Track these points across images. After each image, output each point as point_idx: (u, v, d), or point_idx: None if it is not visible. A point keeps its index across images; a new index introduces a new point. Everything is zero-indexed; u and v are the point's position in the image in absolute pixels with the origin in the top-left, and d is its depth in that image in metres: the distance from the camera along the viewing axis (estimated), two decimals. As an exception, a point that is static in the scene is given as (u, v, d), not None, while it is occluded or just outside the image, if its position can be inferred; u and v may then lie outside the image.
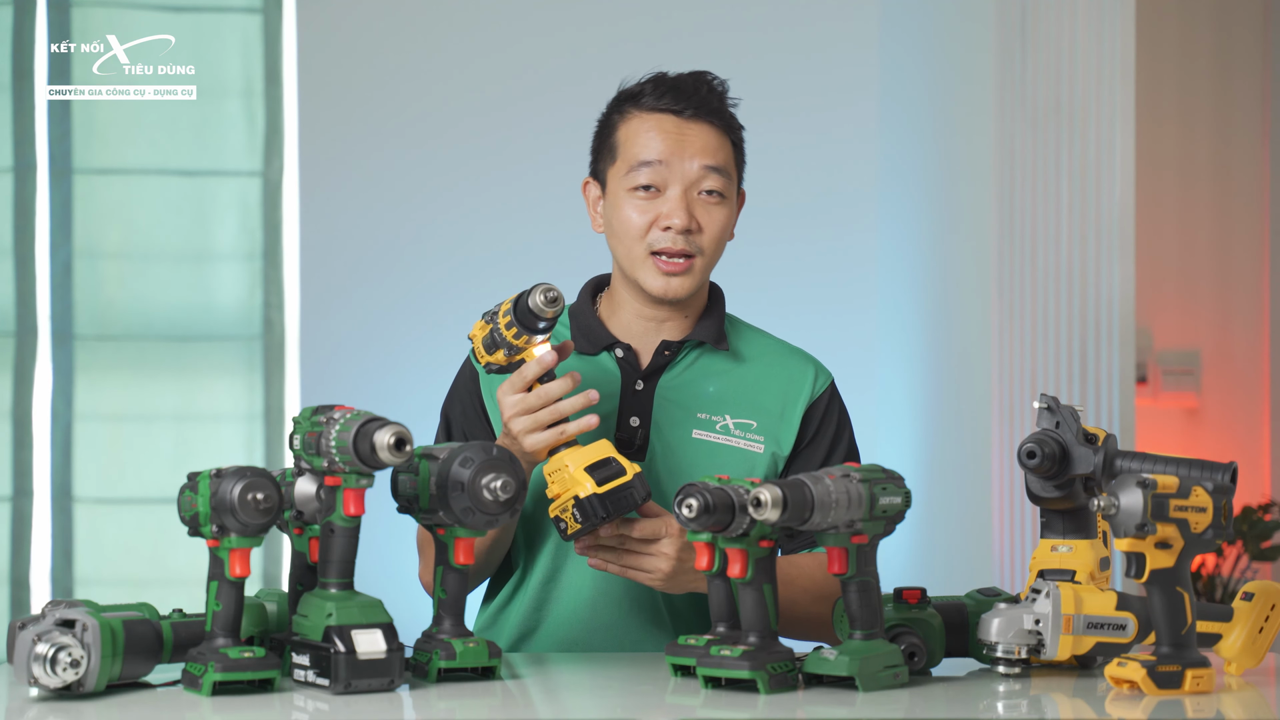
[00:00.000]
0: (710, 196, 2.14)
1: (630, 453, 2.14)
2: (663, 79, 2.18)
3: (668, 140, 2.13)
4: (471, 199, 4.32)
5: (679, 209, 2.12)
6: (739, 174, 2.21)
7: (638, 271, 2.15)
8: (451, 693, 1.79)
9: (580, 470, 1.95)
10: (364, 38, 4.36)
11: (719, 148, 2.15)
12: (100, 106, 4.38)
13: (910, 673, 1.86)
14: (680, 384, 2.18)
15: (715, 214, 2.14)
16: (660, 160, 2.13)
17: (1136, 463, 1.90)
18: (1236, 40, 5.04)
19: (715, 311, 2.22)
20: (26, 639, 1.72)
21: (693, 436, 2.16)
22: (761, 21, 4.36)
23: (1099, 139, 3.80)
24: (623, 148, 2.16)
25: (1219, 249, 5.03)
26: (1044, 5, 3.97)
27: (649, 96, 2.16)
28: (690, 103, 2.15)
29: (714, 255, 2.16)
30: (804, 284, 4.27)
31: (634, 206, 2.13)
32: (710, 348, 2.21)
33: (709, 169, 2.14)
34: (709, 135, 2.15)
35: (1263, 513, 4.66)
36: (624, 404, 2.16)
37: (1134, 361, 3.77)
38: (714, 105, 2.16)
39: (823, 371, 2.24)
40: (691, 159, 2.13)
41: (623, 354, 2.18)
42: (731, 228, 2.19)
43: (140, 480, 4.37)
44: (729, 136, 2.18)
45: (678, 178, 2.13)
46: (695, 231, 2.13)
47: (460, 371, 2.24)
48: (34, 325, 4.38)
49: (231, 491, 1.73)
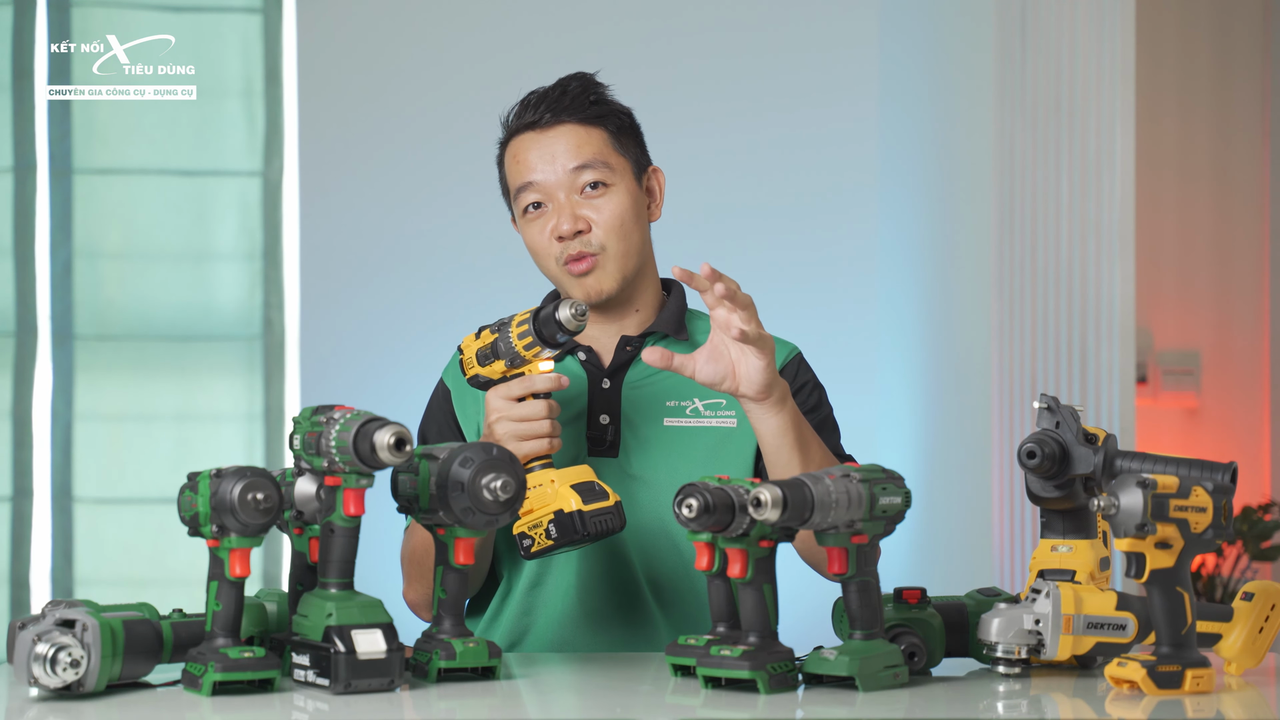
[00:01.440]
0: (594, 190, 2.16)
1: (602, 449, 2.16)
2: (524, 100, 2.20)
3: (533, 156, 2.16)
4: (472, 199, 4.31)
5: (564, 216, 2.14)
6: (631, 155, 2.21)
7: (562, 286, 2.19)
8: (451, 693, 1.79)
9: (566, 486, 1.97)
10: (364, 38, 4.36)
11: (584, 142, 2.16)
12: (100, 106, 4.38)
13: (910, 673, 1.86)
14: (645, 376, 2.20)
15: (602, 205, 2.16)
16: (533, 179, 2.16)
17: (1136, 463, 1.90)
18: (1236, 40, 5.04)
19: (674, 304, 2.24)
20: (26, 639, 1.72)
21: (664, 425, 2.18)
22: (761, 22, 4.36)
23: (1099, 138, 3.81)
24: (507, 178, 2.21)
25: (1219, 249, 5.03)
26: (1044, 5, 3.97)
27: (513, 119, 2.20)
28: (543, 110, 2.17)
29: (622, 243, 2.16)
30: (803, 283, 4.26)
31: (531, 228, 2.18)
32: (671, 339, 2.22)
33: (579, 168, 2.16)
34: (571, 134, 2.16)
35: (1263, 513, 4.66)
36: (592, 403, 2.18)
37: (1134, 361, 3.78)
38: (567, 104, 2.17)
39: (785, 344, 2.24)
40: (560, 164, 2.16)
41: (585, 356, 2.21)
42: (640, 210, 2.19)
43: (140, 480, 4.37)
44: (598, 125, 2.18)
45: (555, 188, 2.16)
46: (586, 230, 2.15)
47: (434, 392, 2.27)
48: (34, 325, 4.38)
49: (231, 491, 1.73)
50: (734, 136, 4.27)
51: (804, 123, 4.31)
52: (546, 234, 2.16)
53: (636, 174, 2.21)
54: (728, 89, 4.31)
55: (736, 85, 4.31)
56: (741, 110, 4.31)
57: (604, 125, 2.18)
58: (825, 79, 4.32)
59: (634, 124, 2.23)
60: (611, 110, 2.20)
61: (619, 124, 2.20)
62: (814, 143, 4.31)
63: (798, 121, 4.31)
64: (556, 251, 2.15)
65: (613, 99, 2.22)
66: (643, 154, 2.24)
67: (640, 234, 2.19)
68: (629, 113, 2.23)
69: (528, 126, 2.18)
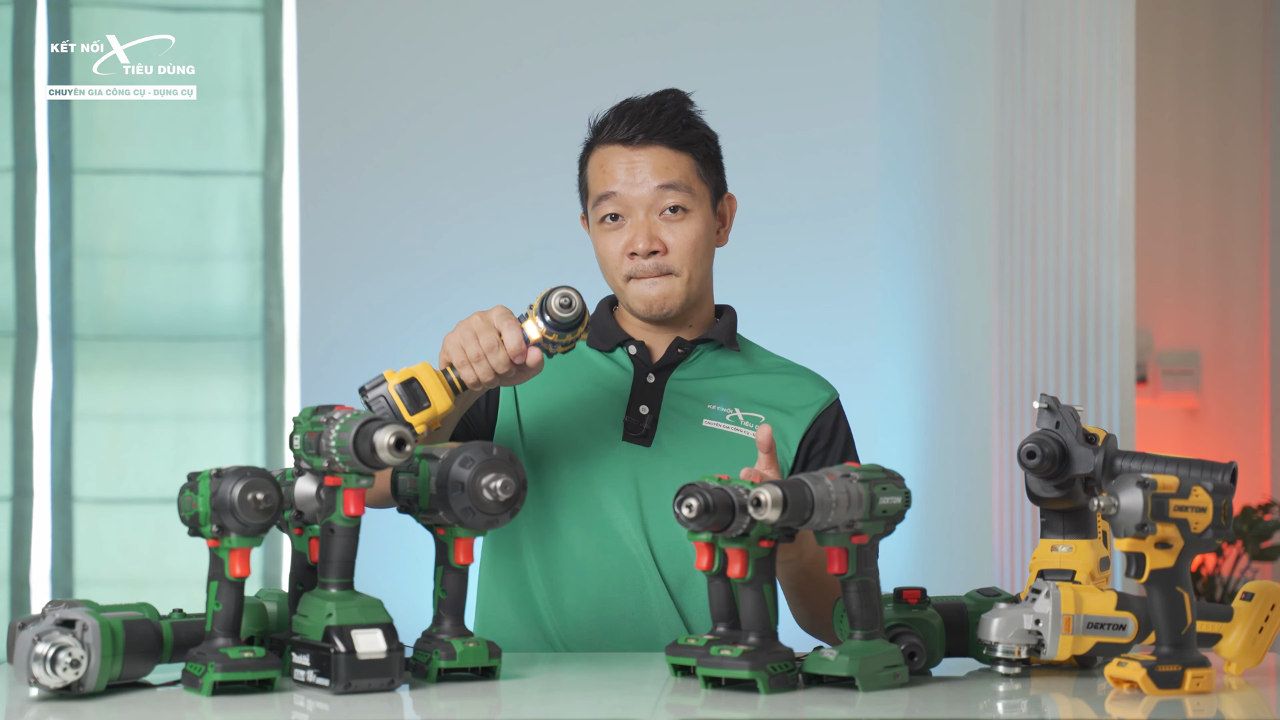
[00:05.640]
0: (673, 214, 2.19)
1: (637, 436, 2.20)
2: (619, 110, 2.22)
3: (620, 169, 2.19)
4: (472, 199, 4.32)
5: (641, 234, 2.18)
6: (711, 182, 2.24)
7: (625, 297, 2.24)
8: (451, 693, 1.79)
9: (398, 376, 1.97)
10: (364, 38, 4.36)
11: (672, 165, 2.19)
12: (100, 106, 4.38)
13: (910, 673, 1.86)
14: (691, 377, 2.25)
15: (680, 230, 2.19)
16: (616, 190, 2.19)
17: (1136, 463, 1.90)
18: (1236, 40, 5.04)
19: (727, 321, 2.29)
20: (26, 639, 1.72)
21: (703, 425, 2.22)
22: (760, 22, 4.36)
23: (1099, 138, 3.81)
24: (589, 183, 2.23)
25: (1219, 249, 5.03)
26: (1044, 4, 3.97)
27: (605, 130, 2.22)
28: (636, 129, 2.19)
29: (693, 268, 2.21)
30: (804, 283, 4.27)
31: (606, 237, 2.21)
32: (725, 349, 2.28)
33: (664, 188, 2.18)
34: (660, 156, 2.19)
35: (1263, 513, 4.66)
36: (635, 393, 2.22)
37: (1134, 361, 3.77)
38: (661, 126, 2.20)
39: (830, 388, 2.30)
40: (644, 183, 2.18)
41: (635, 350, 2.25)
42: (712, 236, 2.24)
43: (140, 480, 4.37)
44: (687, 151, 2.21)
45: (636, 204, 2.18)
46: (662, 253, 2.19)
47: None
48: (34, 325, 4.38)
49: (231, 491, 1.73)
50: (733, 135, 4.24)
51: (804, 123, 4.31)
52: (620, 247, 2.20)
53: (714, 201, 2.25)
54: (726, 88, 4.30)
55: (735, 84, 4.31)
56: (740, 109, 4.30)
57: (692, 151, 2.21)
58: (825, 80, 4.32)
59: (718, 151, 2.27)
60: (701, 136, 2.23)
61: (706, 151, 2.23)
62: (814, 143, 4.31)
63: (797, 121, 4.31)
64: (627, 267, 2.20)
65: (703, 122, 2.24)
66: (721, 180, 2.27)
67: (708, 261, 2.24)
68: (715, 139, 2.26)
69: (619, 140, 2.20)
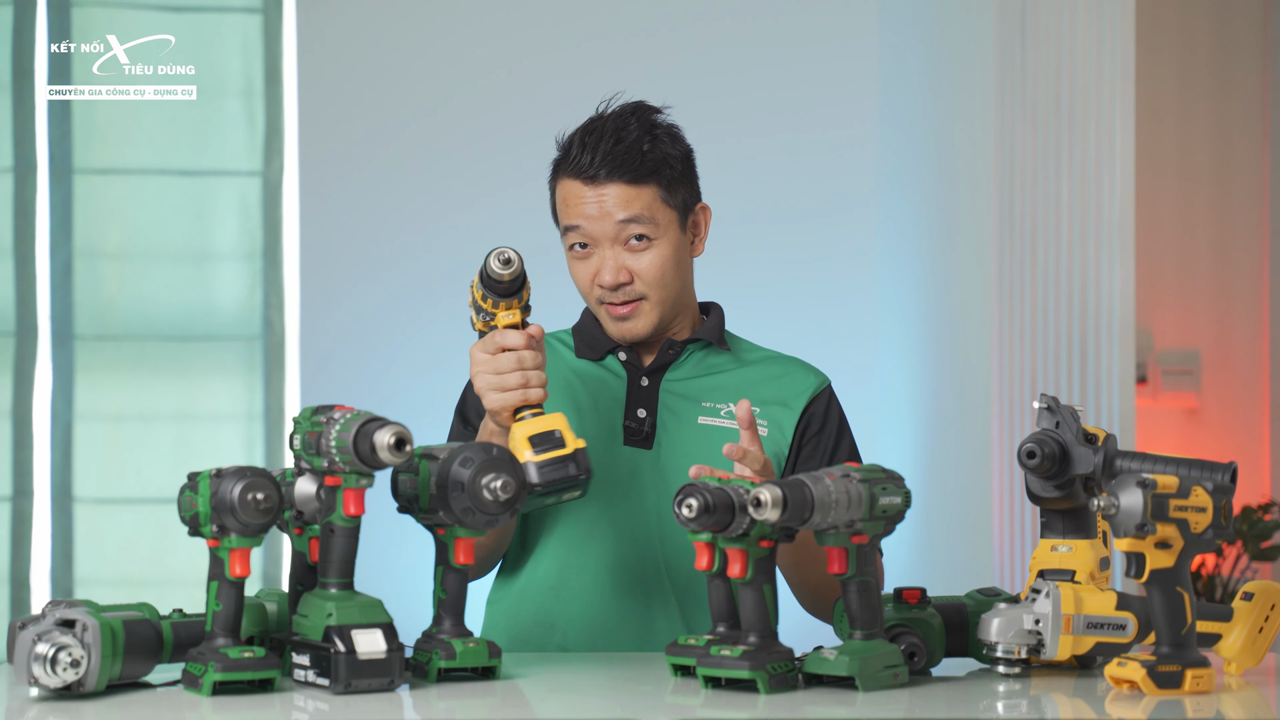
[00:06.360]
0: (639, 242, 2.20)
1: (638, 441, 2.22)
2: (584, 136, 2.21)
3: (581, 204, 2.19)
4: (472, 199, 4.32)
5: (607, 267, 2.20)
6: (679, 202, 2.22)
7: (600, 319, 2.26)
8: (451, 693, 1.79)
9: (522, 439, 1.97)
10: (364, 38, 4.35)
11: (633, 198, 2.19)
12: (100, 106, 4.38)
13: (910, 673, 1.86)
14: (684, 377, 2.27)
15: (646, 258, 2.20)
16: (581, 225, 2.20)
17: (1136, 463, 1.90)
18: (1236, 40, 5.04)
19: (715, 320, 2.31)
20: (26, 639, 1.72)
21: (699, 422, 2.24)
22: (760, 21, 4.35)
23: (1099, 138, 3.80)
24: (557, 210, 2.25)
25: (1219, 249, 5.03)
26: (1044, 4, 3.97)
27: (567, 159, 2.21)
28: (598, 164, 2.18)
29: (662, 291, 2.21)
30: (804, 283, 4.27)
31: (576, 264, 2.23)
32: (714, 348, 2.29)
33: (625, 221, 2.18)
34: (619, 191, 2.18)
35: (1263, 513, 4.66)
36: (630, 398, 2.24)
37: (1134, 361, 3.77)
38: (619, 160, 2.18)
39: (820, 374, 2.32)
40: (606, 218, 2.19)
41: (626, 356, 2.27)
42: (682, 254, 2.23)
43: (140, 480, 4.37)
44: (649, 182, 2.19)
45: (601, 236, 2.19)
46: (628, 281, 2.20)
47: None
48: (34, 325, 4.38)
49: (231, 491, 1.73)
50: (733, 136, 4.26)
51: (804, 123, 4.31)
52: (589, 275, 2.21)
53: (683, 219, 2.24)
54: (727, 88, 4.30)
55: (735, 85, 4.31)
56: (740, 109, 4.30)
57: (655, 180, 2.20)
58: (825, 80, 4.32)
59: (688, 166, 2.25)
60: (665, 161, 2.21)
61: (671, 174, 2.21)
62: (814, 143, 4.30)
63: (797, 122, 4.30)
64: (598, 294, 2.22)
65: (670, 139, 2.22)
66: (692, 193, 2.26)
67: (680, 279, 2.24)
68: (683, 155, 2.24)
69: (582, 176, 2.19)
